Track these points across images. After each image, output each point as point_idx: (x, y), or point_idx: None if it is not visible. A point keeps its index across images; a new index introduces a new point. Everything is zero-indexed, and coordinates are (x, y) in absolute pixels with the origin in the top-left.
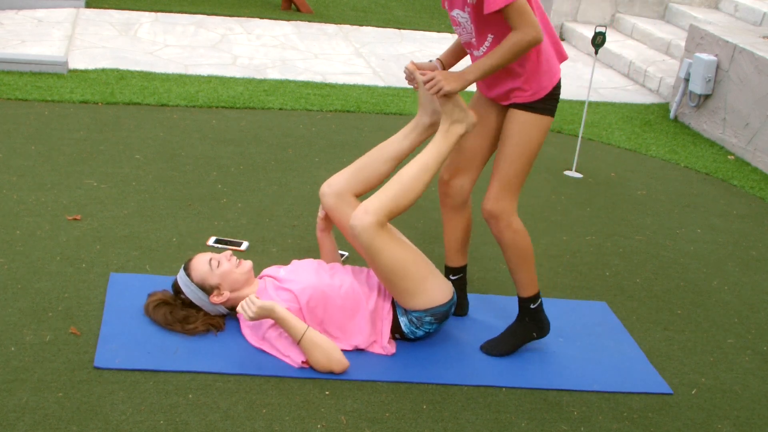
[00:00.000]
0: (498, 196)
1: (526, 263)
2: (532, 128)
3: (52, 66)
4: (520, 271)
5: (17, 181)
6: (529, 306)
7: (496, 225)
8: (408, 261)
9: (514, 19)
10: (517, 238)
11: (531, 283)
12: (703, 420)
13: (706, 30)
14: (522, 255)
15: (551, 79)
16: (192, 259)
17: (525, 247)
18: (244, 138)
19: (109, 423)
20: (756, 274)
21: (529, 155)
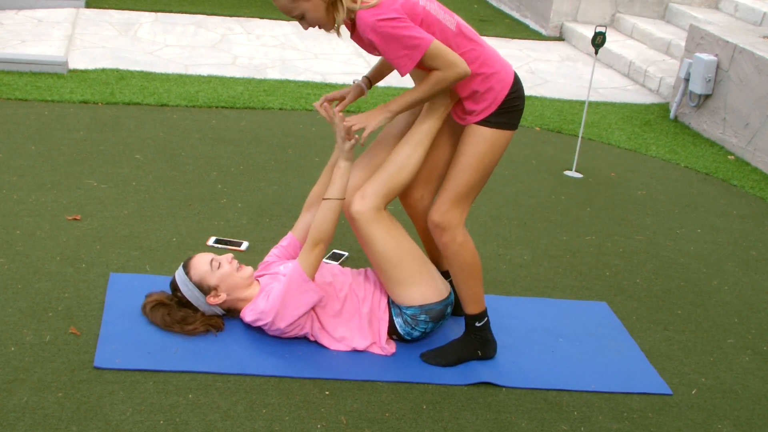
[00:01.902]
0: (444, 208)
1: (470, 278)
2: (485, 142)
3: (52, 66)
4: (465, 286)
5: (17, 181)
6: (474, 324)
7: (440, 237)
8: (403, 251)
9: (433, 63)
10: (461, 251)
11: (476, 300)
12: (703, 420)
13: (706, 30)
14: (466, 269)
15: (498, 93)
16: (192, 258)
17: (469, 261)
18: (244, 138)
19: (109, 423)
20: (756, 274)
21: (482, 169)
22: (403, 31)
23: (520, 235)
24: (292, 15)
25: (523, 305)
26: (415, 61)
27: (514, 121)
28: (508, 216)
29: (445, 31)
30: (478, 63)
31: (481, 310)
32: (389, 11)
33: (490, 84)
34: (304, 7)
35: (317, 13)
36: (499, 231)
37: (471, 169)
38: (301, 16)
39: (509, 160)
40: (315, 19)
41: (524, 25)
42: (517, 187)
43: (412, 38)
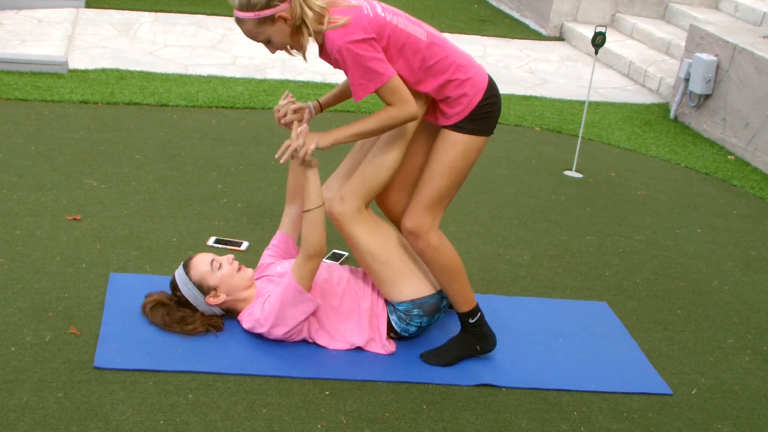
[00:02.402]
0: (416, 214)
1: (453, 278)
2: (457, 148)
3: (52, 66)
4: (449, 287)
5: (17, 181)
6: (468, 321)
7: (415, 242)
8: (389, 248)
9: (388, 98)
10: (436, 254)
11: (464, 298)
12: (703, 420)
13: (706, 30)
14: (447, 271)
15: (472, 99)
16: (193, 258)
17: (447, 262)
18: (244, 138)
19: (109, 423)
20: (756, 274)
21: (454, 175)
22: (369, 59)
23: (520, 235)
24: (258, 40)
25: (523, 305)
26: (370, 90)
27: (488, 127)
28: (508, 216)
29: (416, 43)
30: (451, 70)
31: (472, 307)
32: (358, 32)
33: (464, 90)
34: (269, 32)
35: (282, 36)
36: (499, 231)
37: (443, 174)
38: (267, 41)
39: (509, 160)
40: (281, 42)
41: (524, 25)
42: (517, 187)
43: (375, 69)
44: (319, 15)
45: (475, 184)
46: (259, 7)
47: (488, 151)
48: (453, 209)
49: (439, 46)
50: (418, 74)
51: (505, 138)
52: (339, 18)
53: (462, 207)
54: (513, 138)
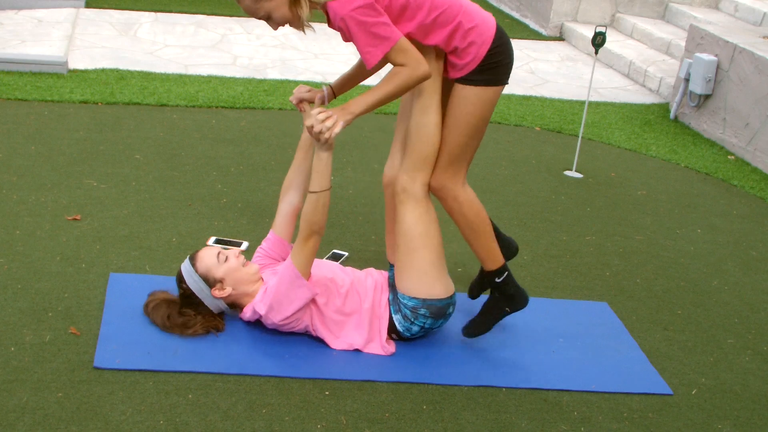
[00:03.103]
0: (439, 170)
1: (479, 235)
2: (470, 102)
3: (52, 66)
4: (476, 244)
5: (17, 181)
6: (494, 280)
7: (442, 201)
8: (427, 239)
9: (399, 59)
10: (463, 209)
11: (490, 256)
12: (703, 420)
13: (706, 30)
14: (472, 227)
15: (480, 48)
16: (199, 251)
17: (474, 218)
18: (244, 138)
19: (109, 423)
20: (756, 274)
21: (471, 129)
22: (372, 24)
23: (520, 235)
24: (257, 16)
25: None
26: (379, 56)
27: (499, 76)
28: (508, 216)
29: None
30: (458, 19)
31: (499, 265)
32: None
33: (471, 38)
34: (268, 7)
35: (281, 11)
36: None
37: (459, 129)
38: (267, 17)
39: (509, 160)
40: (281, 17)
41: (524, 24)
42: (517, 187)
43: (380, 34)
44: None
45: (475, 184)
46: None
47: (488, 151)
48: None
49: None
50: (425, 27)
51: (505, 138)
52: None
53: None
54: (513, 138)
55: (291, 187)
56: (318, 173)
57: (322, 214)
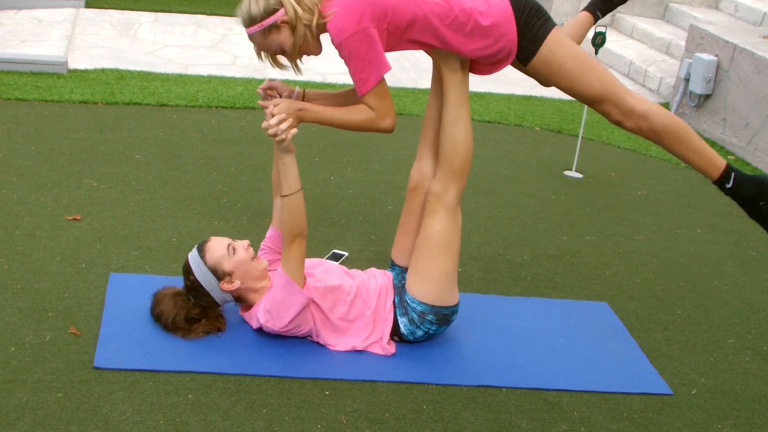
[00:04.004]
0: (611, 110)
1: (681, 141)
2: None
3: (52, 66)
4: (689, 153)
5: (17, 181)
6: (724, 186)
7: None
8: (449, 248)
9: (372, 101)
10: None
11: (707, 160)
12: (703, 420)
13: (706, 30)
14: (678, 136)
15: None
16: (208, 241)
17: (668, 125)
18: (244, 138)
19: (109, 423)
20: (756, 274)
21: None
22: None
23: (520, 235)
24: (271, 52)
25: (523, 305)
26: (372, 85)
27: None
28: (508, 216)
29: (428, 6)
30: (471, 23)
31: (722, 169)
32: (352, 24)
33: (497, 33)
34: (278, 41)
35: (291, 40)
36: (499, 231)
37: (576, 82)
38: (281, 50)
39: (509, 160)
40: (291, 46)
41: None
42: (517, 187)
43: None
44: (311, 11)
45: (475, 184)
46: (259, 18)
47: (488, 151)
48: None
49: (453, 2)
50: (446, 37)
51: (505, 138)
52: (332, 10)
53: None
54: (513, 138)
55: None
56: (284, 177)
57: (298, 216)
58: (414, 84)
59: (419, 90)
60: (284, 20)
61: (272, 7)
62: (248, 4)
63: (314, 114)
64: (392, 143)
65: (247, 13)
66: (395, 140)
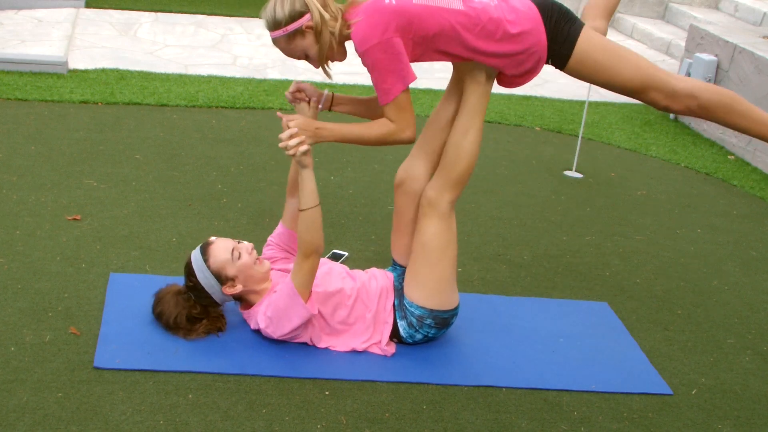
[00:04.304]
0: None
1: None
2: (585, 64)
3: (52, 66)
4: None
5: (17, 181)
6: None
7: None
8: (445, 255)
9: (393, 113)
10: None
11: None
12: (703, 420)
13: (706, 30)
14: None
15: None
16: (212, 244)
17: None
18: (244, 138)
19: (109, 423)
20: (756, 274)
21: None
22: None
23: (520, 235)
24: (295, 57)
25: (523, 305)
26: (394, 96)
27: (571, 29)
28: (508, 216)
29: (454, 15)
30: (500, 32)
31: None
32: (376, 34)
33: (526, 41)
34: (302, 46)
35: (316, 47)
36: (499, 231)
37: (614, 76)
38: (305, 56)
39: (509, 160)
40: (316, 54)
41: None
42: (517, 187)
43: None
44: (336, 18)
45: (475, 184)
46: (284, 23)
47: (488, 151)
48: None
49: (482, 9)
50: (474, 47)
51: (505, 138)
52: (356, 18)
53: (462, 207)
54: (513, 138)
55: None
56: (301, 191)
57: (315, 231)
58: (414, 84)
59: (419, 90)
60: (309, 25)
61: (298, 11)
62: (273, 7)
63: (331, 132)
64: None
65: (272, 17)
66: None
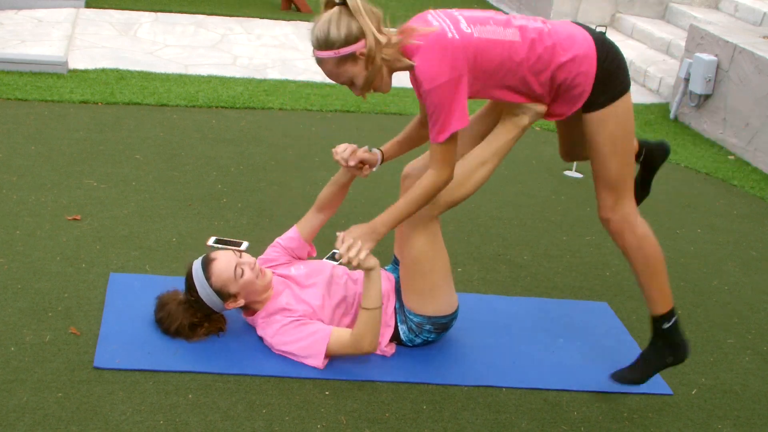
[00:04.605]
0: (610, 202)
1: (656, 273)
2: (606, 125)
3: (52, 66)
4: (651, 283)
5: (17, 181)
6: (662, 327)
7: (618, 235)
8: (435, 263)
9: (439, 154)
10: (643, 244)
11: (662, 297)
12: (703, 420)
13: (706, 30)
14: (651, 264)
15: (588, 73)
16: (215, 260)
17: (652, 254)
18: (244, 138)
19: (109, 423)
20: (756, 274)
21: (620, 150)
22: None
23: (520, 235)
24: (339, 81)
25: (523, 305)
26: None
27: (620, 83)
28: (508, 216)
29: (513, 48)
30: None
31: (669, 308)
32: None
33: (576, 71)
34: (351, 72)
35: (365, 74)
36: (499, 231)
37: (610, 155)
38: (350, 82)
39: (509, 160)
40: (365, 82)
41: None
42: (517, 187)
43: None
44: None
45: None
46: (338, 45)
47: None
48: (453, 209)
49: (538, 38)
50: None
51: None
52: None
53: (462, 207)
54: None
55: (327, 206)
56: (370, 291)
57: (374, 332)
58: None
59: None
60: (363, 52)
61: (354, 35)
62: (327, 26)
63: (387, 226)
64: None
65: (324, 36)
66: None
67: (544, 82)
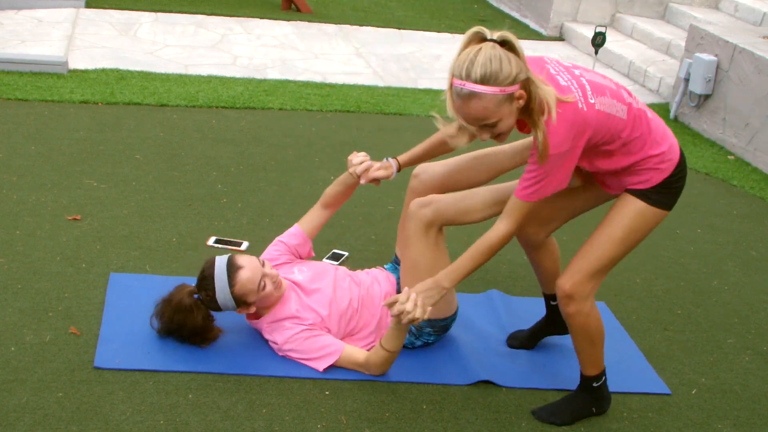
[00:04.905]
0: (578, 279)
1: (593, 345)
2: (639, 218)
3: (52, 66)
4: (587, 351)
5: (17, 181)
6: (591, 384)
7: (566, 306)
8: (434, 267)
9: (517, 210)
10: (587, 321)
11: (595, 363)
12: (703, 420)
13: (706, 30)
14: (589, 338)
15: (664, 171)
16: (242, 268)
17: (594, 331)
18: (244, 138)
19: (109, 423)
20: (756, 274)
21: (628, 244)
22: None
23: None
24: (486, 122)
25: (523, 305)
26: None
27: (672, 201)
28: None
29: (619, 126)
30: (647, 146)
31: (600, 371)
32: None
33: (654, 164)
34: (503, 113)
35: (511, 120)
36: None
37: (618, 242)
38: (494, 125)
39: None
40: (507, 127)
41: (524, 25)
42: None
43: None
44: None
45: None
46: (507, 82)
47: None
48: None
49: (638, 122)
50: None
51: None
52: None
53: None
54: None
55: (333, 203)
56: (391, 336)
57: (383, 369)
58: (414, 84)
59: (419, 90)
60: (523, 94)
61: (518, 76)
62: (499, 60)
63: (452, 282)
64: (392, 144)
65: (496, 71)
66: (395, 141)
67: (624, 166)
